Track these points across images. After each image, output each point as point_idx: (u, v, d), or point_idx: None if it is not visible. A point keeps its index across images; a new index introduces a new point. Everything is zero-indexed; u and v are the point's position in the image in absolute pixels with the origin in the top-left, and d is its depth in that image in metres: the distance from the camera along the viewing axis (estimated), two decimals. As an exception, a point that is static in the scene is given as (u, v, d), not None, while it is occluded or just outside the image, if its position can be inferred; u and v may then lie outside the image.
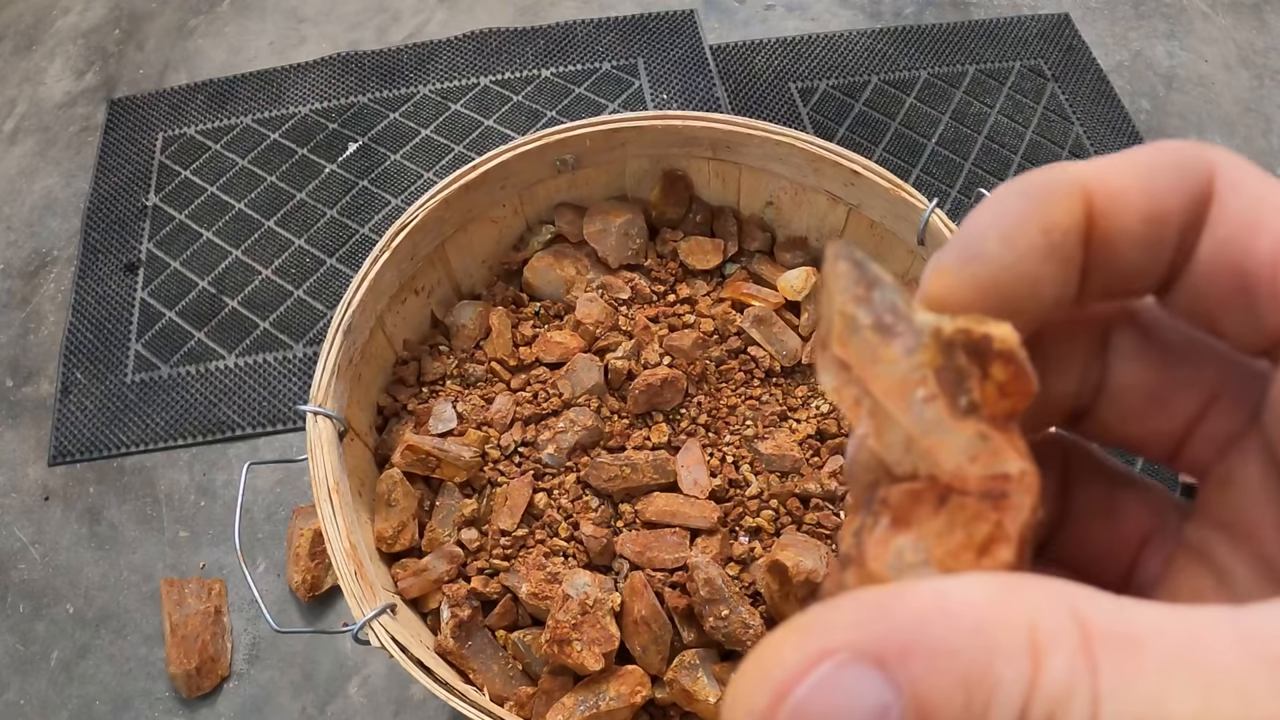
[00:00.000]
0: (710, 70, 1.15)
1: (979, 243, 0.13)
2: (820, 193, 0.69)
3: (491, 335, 0.69)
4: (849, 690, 0.10)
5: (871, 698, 0.09)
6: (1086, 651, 0.09)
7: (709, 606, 0.54)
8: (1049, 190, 0.13)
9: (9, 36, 1.24)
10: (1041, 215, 0.13)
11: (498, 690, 0.56)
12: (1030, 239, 0.13)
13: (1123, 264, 0.13)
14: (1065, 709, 0.09)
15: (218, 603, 0.79)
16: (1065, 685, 0.09)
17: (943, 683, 0.09)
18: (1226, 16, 1.24)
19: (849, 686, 0.10)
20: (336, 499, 0.53)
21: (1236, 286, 0.13)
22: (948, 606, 0.10)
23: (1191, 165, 0.13)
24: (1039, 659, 0.09)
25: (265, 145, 1.10)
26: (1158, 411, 0.15)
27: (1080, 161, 0.13)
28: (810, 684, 0.10)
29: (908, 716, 0.09)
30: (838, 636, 0.10)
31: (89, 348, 0.95)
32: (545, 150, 0.68)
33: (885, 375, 0.12)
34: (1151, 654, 0.09)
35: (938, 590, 0.10)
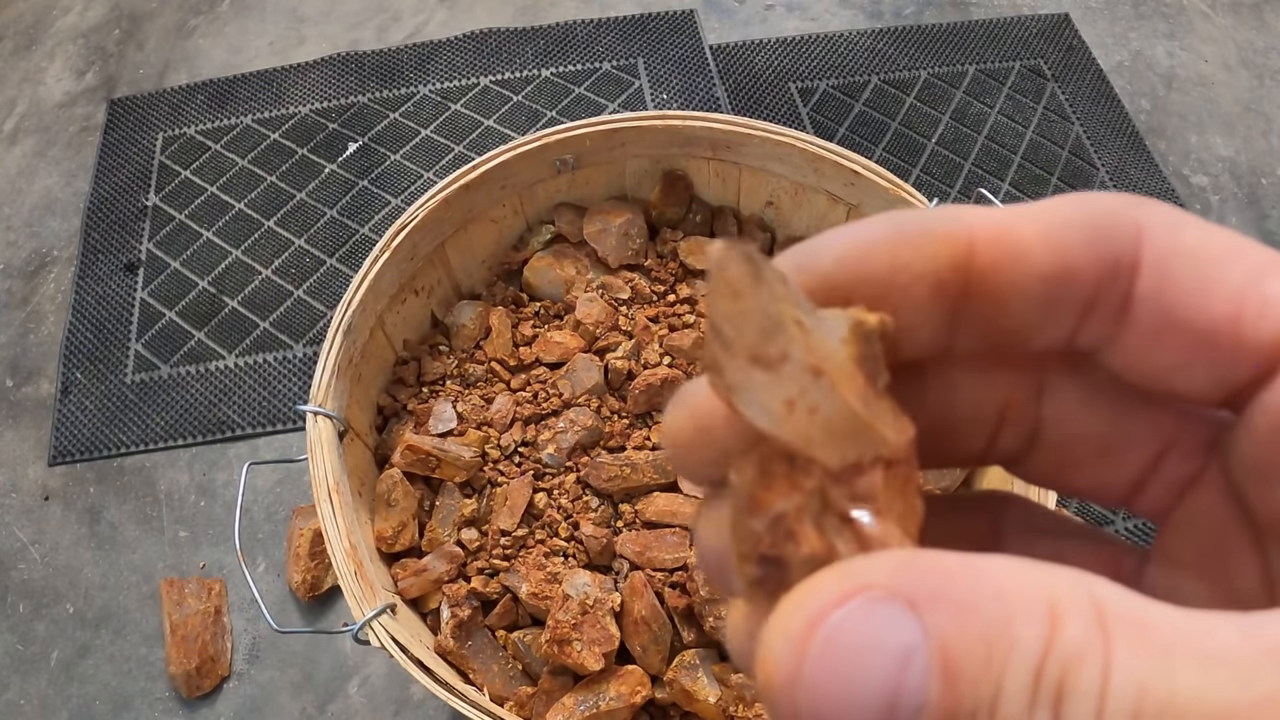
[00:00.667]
0: (710, 70, 1.15)
1: (813, 254, 0.13)
2: (820, 193, 0.69)
3: (491, 335, 0.69)
4: (882, 623, 0.10)
5: (902, 635, 0.10)
6: (1101, 625, 0.10)
7: (709, 606, 0.54)
8: (918, 228, 0.13)
9: (9, 36, 1.24)
10: (895, 251, 0.13)
11: (498, 690, 0.56)
12: (873, 271, 0.13)
13: (1013, 320, 0.13)
14: (1077, 670, 0.09)
15: (218, 603, 0.79)
16: (1079, 648, 0.09)
17: (967, 634, 0.10)
18: (1226, 16, 1.24)
19: (882, 620, 0.10)
20: (336, 499, 0.53)
21: (1192, 347, 0.12)
22: (976, 569, 0.10)
23: (1111, 223, 0.12)
24: (1056, 624, 0.10)
25: (265, 145, 1.10)
26: (1109, 461, 0.15)
27: (983, 208, 0.13)
28: (846, 612, 0.10)
29: (933, 660, 0.10)
30: (876, 576, 0.10)
31: (89, 348, 0.95)
32: (545, 150, 0.68)
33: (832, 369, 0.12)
34: (1160, 635, 0.10)
35: (965, 558, 0.10)
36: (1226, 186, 1.07)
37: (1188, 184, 1.08)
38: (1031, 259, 0.13)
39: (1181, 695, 0.09)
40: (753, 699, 0.54)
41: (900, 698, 0.10)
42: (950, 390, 0.15)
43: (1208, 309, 0.12)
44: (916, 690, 0.10)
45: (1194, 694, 0.09)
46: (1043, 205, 0.13)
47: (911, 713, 0.10)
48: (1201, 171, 1.09)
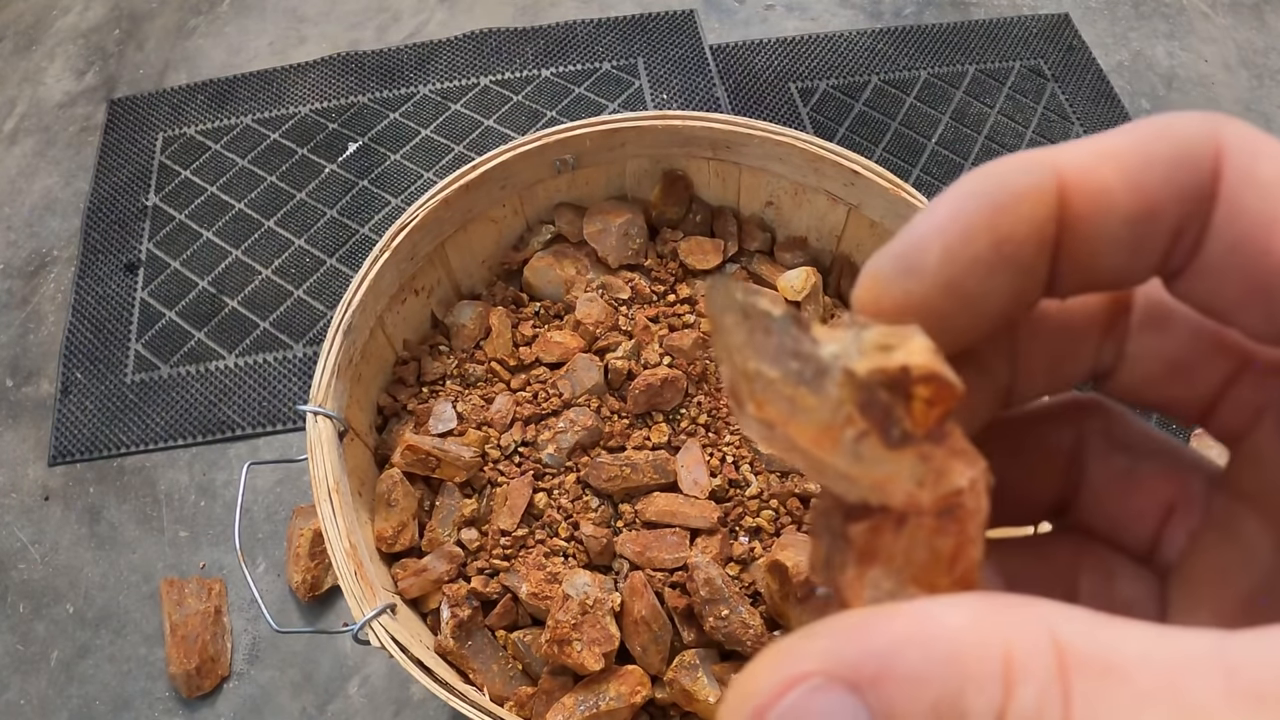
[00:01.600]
0: (710, 70, 1.15)
1: (919, 254, 0.12)
2: (820, 193, 0.69)
3: (491, 335, 0.69)
4: (822, 713, 0.10)
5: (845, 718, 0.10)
6: (1062, 679, 0.09)
7: (709, 606, 0.54)
8: (1008, 192, 0.12)
9: (9, 36, 1.24)
10: (994, 224, 0.12)
11: (498, 690, 0.56)
12: (978, 252, 0.12)
13: (1101, 266, 0.13)
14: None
15: (218, 603, 0.79)
16: (1034, 712, 0.09)
17: (915, 709, 0.09)
18: (1226, 16, 1.24)
19: (823, 709, 0.10)
20: (336, 499, 0.53)
21: (1253, 286, 0.12)
22: (924, 631, 0.10)
23: (1191, 154, 0.12)
24: (1010, 688, 0.09)
25: (265, 145, 1.10)
26: (1180, 379, 0.15)
27: (1060, 147, 0.12)
28: (784, 707, 0.10)
29: None
30: (813, 661, 0.10)
31: (89, 348, 0.95)
32: (545, 150, 0.68)
33: (808, 424, 0.11)
34: (1129, 684, 0.09)
35: (917, 612, 0.10)
36: (1226, 186, 1.07)
37: (1188, 184, 1.08)
38: (1117, 204, 0.12)
39: None
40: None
41: None
42: (1053, 328, 0.15)
43: (1272, 250, 0.11)
44: None
45: None
46: (1121, 139, 0.12)
47: None
48: (1201, 171, 1.09)
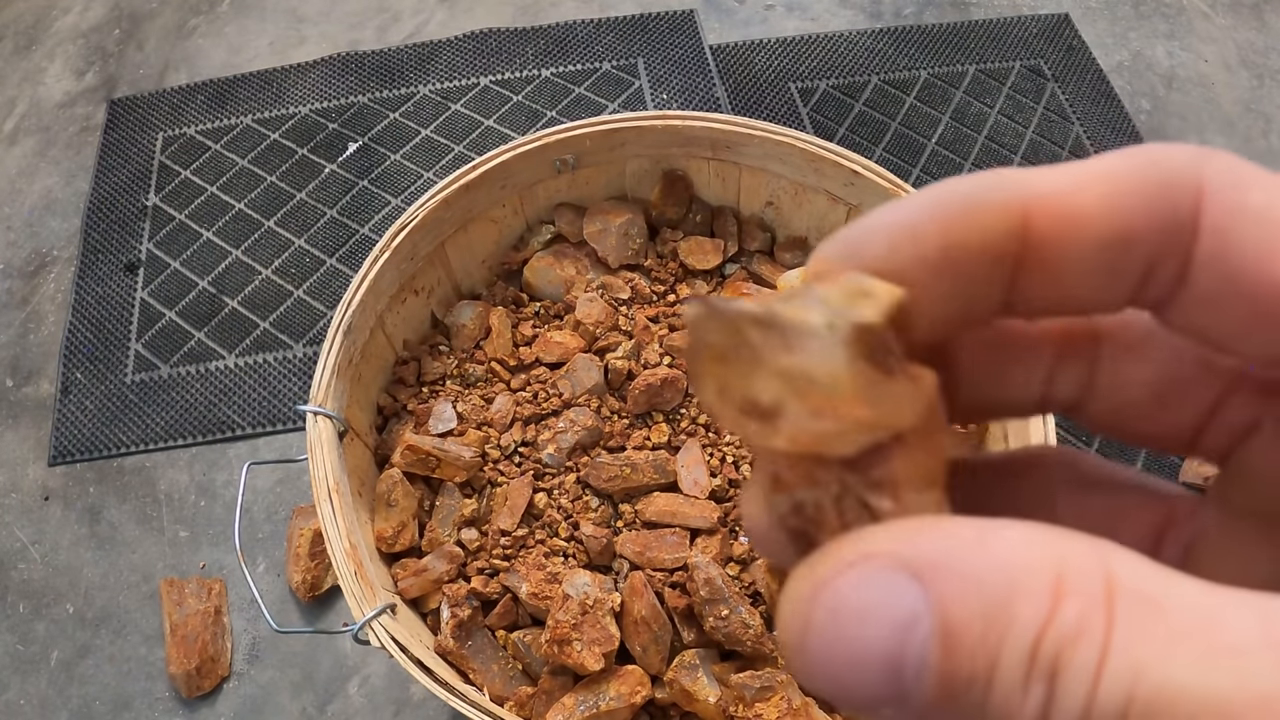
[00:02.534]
0: (710, 70, 1.15)
1: (860, 243, 0.13)
2: (820, 193, 0.69)
3: (491, 335, 0.69)
4: (885, 590, 0.10)
5: (905, 603, 0.10)
6: (1107, 604, 0.10)
7: (709, 606, 0.54)
8: (967, 201, 0.12)
9: (9, 36, 1.24)
10: (946, 229, 0.12)
11: (498, 690, 0.56)
12: (924, 252, 0.12)
13: (1069, 289, 0.13)
14: (1073, 649, 0.10)
15: (218, 603, 0.79)
16: (1077, 628, 0.10)
17: (967, 607, 0.10)
18: (1226, 16, 1.24)
19: (886, 587, 0.10)
20: (336, 499, 0.53)
21: (1257, 313, 0.12)
22: (983, 539, 0.10)
23: (1172, 183, 0.12)
24: (1057, 602, 0.10)
25: (265, 145, 1.10)
26: (1167, 408, 0.15)
27: (1037, 170, 0.12)
28: (849, 580, 0.11)
29: (935, 629, 0.10)
30: (882, 545, 0.11)
31: (89, 348, 0.95)
32: (545, 150, 0.68)
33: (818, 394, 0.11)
34: (1169, 619, 0.09)
35: (977, 525, 0.10)
36: (1226, 186, 1.07)
37: (1188, 184, 1.08)
38: (1090, 227, 0.12)
39: (1177, 683, 0.09)
40: (753, 699, 0.54)
41: (903, 663, 0.10)
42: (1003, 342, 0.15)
43: (1272, 274, 0.11)
44: (917, 656, 0.10)
45: (1190, 684, 0.09)
46: (1099, 166, 0.12)
47: (914, 673, 0.10)
48: (1201, 171, 1.09)
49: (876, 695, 0.11)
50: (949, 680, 0.10)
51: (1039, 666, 0.10)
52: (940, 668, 0.10)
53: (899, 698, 0.10)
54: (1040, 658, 0.10)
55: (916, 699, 0.10)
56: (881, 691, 0.10)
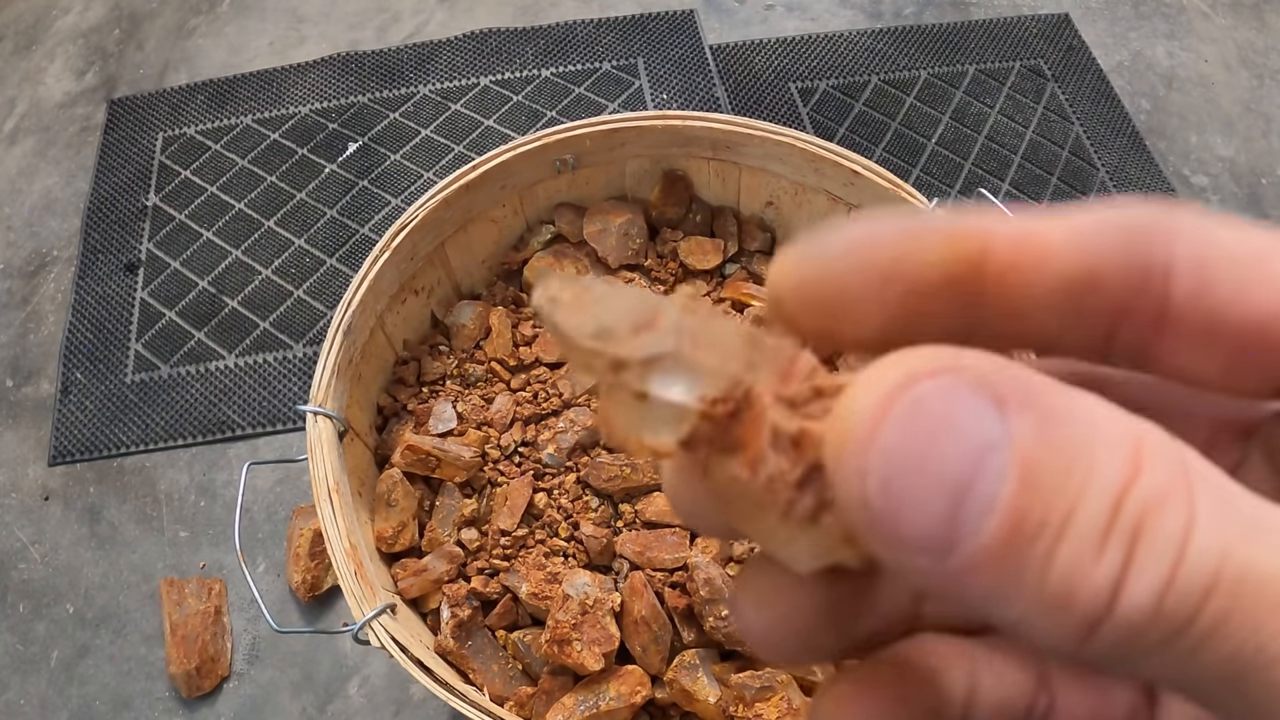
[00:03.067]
0: (710, 70, 1.15)
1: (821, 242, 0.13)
2: (820, 193, 0.69)
3: (491, 335, 0.69)
4: (969, 408, 0.10)
5: (986, 428, 0.09)
6: (1186, 480, 0.09)
7: (709, 606, 0.54)
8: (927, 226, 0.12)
9: (9, 36, 1.24)
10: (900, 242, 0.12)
11: (498, 690, 0.56)
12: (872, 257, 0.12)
13: (1034, 323, 0.13)
14: (1159, 515, 0.09)
15: (218, 603, 0.79)
16: (1163, 493, 0.09)
17: (1050, 446, 0.09)
18: (1226, 16, 1.24)
19: (970, 405, 0.10)
20: (336, 499, 0.53)
21: (1241, 348, 0.12)
22: (1068, 393, 0.10)
23: (1142, 230, 0.12)
24: (1139, 464, 0.09)
25: (265, 145, 1.10)
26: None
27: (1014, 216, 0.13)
28: (937, 384, 0.10)
29: (1013, 462, 0.09)
30: (969, 361, 0.10)
31: (89, 348, 0.95)
32: (545, 150, 0.68)
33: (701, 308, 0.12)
34: (1243, 511, 0.09)
35: (1058, 383, 0.10)
36: (1226, 186, 1.07)
37: (1188, 184, 1.08)
38: (1055, 261, 0.12)
39: (1265, 568, 0.09)
40: (753, 699, 0.54)
41: (972, 488, 0.09)
42: None
43: (1254, 307, 0.11)
44: (989, 486, 0.09)
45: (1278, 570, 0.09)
46: (1067, 211, 0.12)
47: (979, 508, 0.09)
48: (1201, 171, 1.09)
49: (925, 532, 0.09)
50: (1016, 524, 0.09)
51: (1119, 526, 0.09)
52: (1011, 505, 0.09)
53: (947, 542, 0.09)
54: (1122, 517, 0.09)
55: (968, 547, 0.09)
56: (932, 528, 0.09)
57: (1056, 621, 0.09)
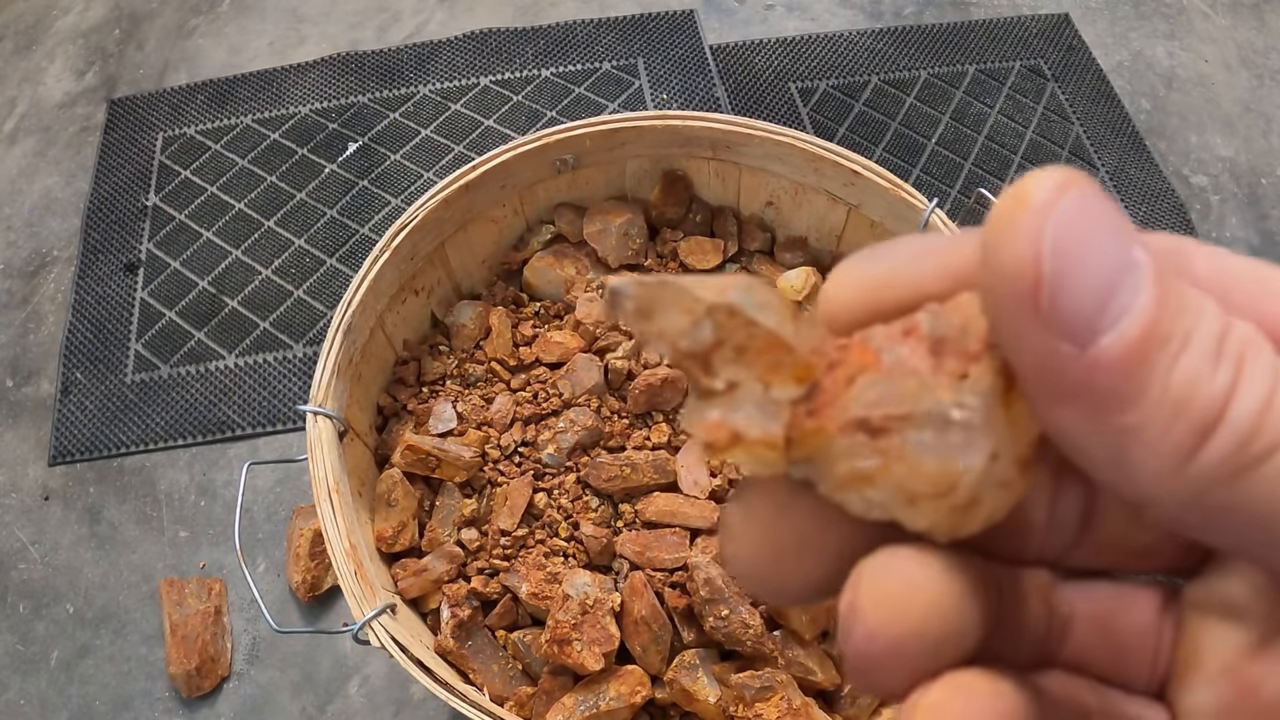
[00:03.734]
0: (710, 70, 1.15)
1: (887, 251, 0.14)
2: (820, 193, 0.69)
3: (491, 335, 0.69)
4: (1118, 226, 0.11)
5: (1129, 250, 0.11)
6: (1262, 338, 0.11)
7: (709, 606, 0.54)
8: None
9: (9, 36, 1.24)
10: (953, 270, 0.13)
11: (498, 690, 0.57)
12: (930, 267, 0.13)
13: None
14: (1255, 349, 0.11)
15: (218, 603, 0.79)
16: (1253, 337, 0.11)
17: (1170, 284, 0.11)
18: (1226, 16, 1.24)
19: (1119, 224, 0.11)
20: (336, 499, 0.53)
21: None
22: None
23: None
24: (1230, 318, 0.11)
25: (265, 145, 1.10)
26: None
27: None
28: (1098, 194, 0.11)
29: (1151, 278, 0.11)
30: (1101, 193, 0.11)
31: (89, 348, 0.95)
32: (545, 150, 0.68)
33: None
34: None
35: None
36: (1226, 186, 1.07)
37: (1188, 184, 1.08)
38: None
39: None
40: (753, 699, 0.54)
41: (1115, 293, 0.11)
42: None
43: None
44: (1129, 297, 0.11)
45: None
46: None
47: (1115, 315, 0.11)
48: (1201, 171, 1.09)
49: (1079, 311, 0.10)
50: (1150, 329, 0.11)
51: (1227, 350, 0.11)
52: (1147, 313, 0.11)
53: (1092, 330, 0.10)
54: (1228, 346, 0.11)
55: (1109, 339, 0.10)
56: (1085, 309, 0.10)
57: (1173, 428, 0.11)
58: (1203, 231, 1.03)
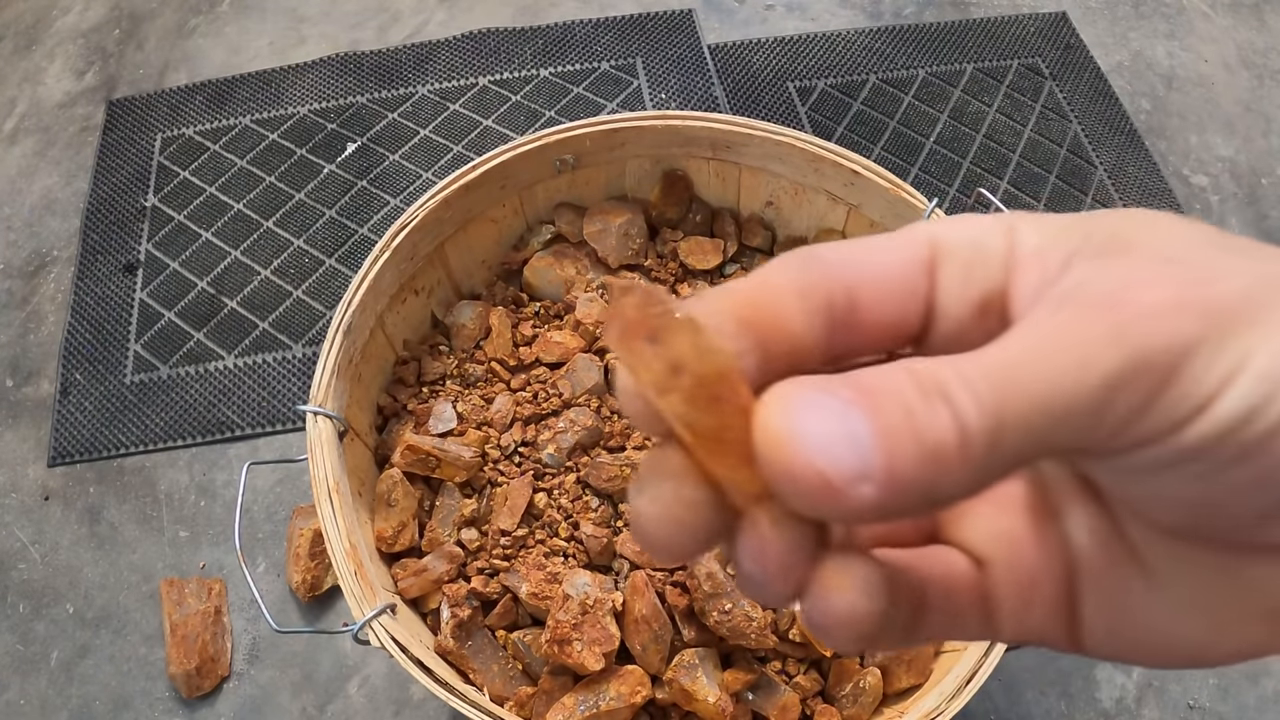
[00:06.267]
0: (709, 70, 1.15)
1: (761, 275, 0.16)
2: (820, 192, 0.69)
3: (491, 335, 0.69)
4: (839, 419, 0.13)
5: (850, 429, 0.13)
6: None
7: (712, 601, 0.54)
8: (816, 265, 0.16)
9: (9, 36, 1.23)
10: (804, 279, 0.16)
11: (498, 690, 0.57)
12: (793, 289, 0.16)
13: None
14: (946, 386, 0.13)
15: (218, 603, 0.79)
16: (936, 375, 0.13)
17: (886, 403, 0.13)
18: (1226, 16, 1.24)
19: (825, 401, 0.13)
20: (336, 499, 0.53)
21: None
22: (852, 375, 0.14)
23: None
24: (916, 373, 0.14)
25: (264, 145, 1.10)
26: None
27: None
28: (808, 393, 0.14)
29: (868, 431, 0.13)
30: (815, 381, 0.14)
31: (88, 348, 0.95)
32: (545, 150, 0.68)
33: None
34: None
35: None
36: (1226, 186, 1.08)
37: (1187, 184, 1.08)
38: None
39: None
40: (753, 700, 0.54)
41: (856, 462, 0.13)
42: None
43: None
44: (865, 453, 0.13)
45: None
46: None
47: (865, 465, 0.13)
48: (1201, 171, 1.09)
49: (847, 473, 0.13)
50: (888, 469, 0.13)
51: (934, 401, 0.13)
52: (882, 458, 0.13)
53: (855, 494, 0.13)
54: (931, 398, 0.13)
55: (868, 492, 0.13)
56: (848, 471, 0.13)
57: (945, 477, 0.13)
58: (1202, 231, 1.03)
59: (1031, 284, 0.15)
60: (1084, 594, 0.16)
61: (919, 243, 0.16)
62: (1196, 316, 0.13)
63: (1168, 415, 0.13)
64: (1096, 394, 0.12)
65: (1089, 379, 0.12)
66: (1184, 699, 0.77)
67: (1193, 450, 0.13)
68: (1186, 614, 0.16)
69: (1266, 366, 0.12)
